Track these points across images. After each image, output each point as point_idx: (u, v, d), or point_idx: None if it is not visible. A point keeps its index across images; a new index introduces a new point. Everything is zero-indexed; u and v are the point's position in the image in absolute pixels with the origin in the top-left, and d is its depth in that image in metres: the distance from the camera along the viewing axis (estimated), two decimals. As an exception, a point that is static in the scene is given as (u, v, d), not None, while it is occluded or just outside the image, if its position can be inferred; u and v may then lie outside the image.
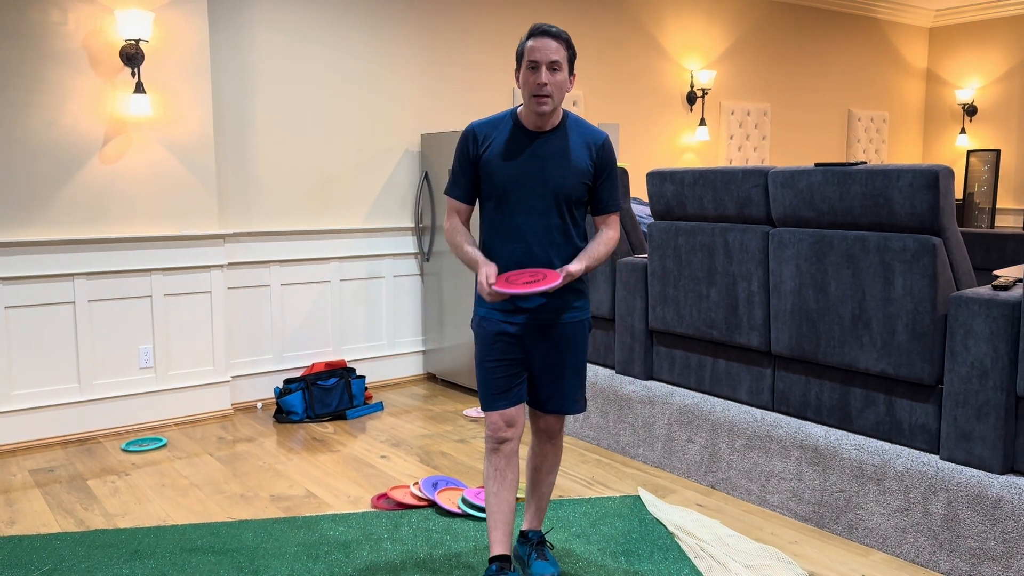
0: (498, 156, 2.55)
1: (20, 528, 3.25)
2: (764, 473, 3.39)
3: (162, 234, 4.49)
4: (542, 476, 2.80)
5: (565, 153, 2.55)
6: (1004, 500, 2.64)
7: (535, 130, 2.56)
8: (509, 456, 2.61)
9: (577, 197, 2.57)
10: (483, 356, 2.63)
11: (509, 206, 2.56)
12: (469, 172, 2.61)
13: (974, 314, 2.74)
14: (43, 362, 4.25)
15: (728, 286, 3.56)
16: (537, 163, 2.54)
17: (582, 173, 2.56)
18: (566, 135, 2.57)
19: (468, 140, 2.59)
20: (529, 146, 2.55)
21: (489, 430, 2.62)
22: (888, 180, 2.94)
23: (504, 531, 2.61)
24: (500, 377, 2.60)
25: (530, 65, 2.45)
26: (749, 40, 7.54)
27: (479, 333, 2.64)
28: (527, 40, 2.48)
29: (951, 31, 8.88)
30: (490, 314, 2.61)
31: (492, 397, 2.61)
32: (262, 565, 2.89)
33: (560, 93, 2.48)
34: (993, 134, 8.60)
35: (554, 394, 2.66)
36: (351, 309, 5.33)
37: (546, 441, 2.76)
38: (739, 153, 7.61)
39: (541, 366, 2.64)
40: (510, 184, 2.54)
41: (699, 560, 2.89)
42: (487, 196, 2.60)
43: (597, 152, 2.59)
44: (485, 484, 2.69)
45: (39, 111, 4.16)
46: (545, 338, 2.61)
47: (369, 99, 5.30)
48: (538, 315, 2.59)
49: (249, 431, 4.50)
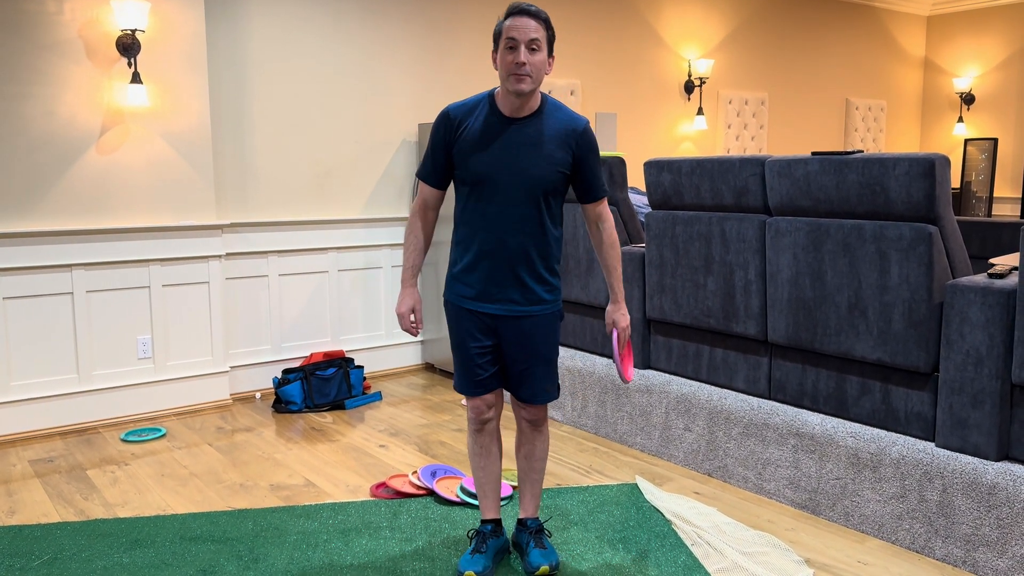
0: (473, 142, 2.50)
1: (20, 518, 3.26)
2: (761, 461, 3.41)
3: (160, 225, 4.49)
4: (532, 463, 2.81)
5: (543, 141, 2.50)
6: (999, 487, 2.66)
7: (512, 115, 2.50)
8: (492, 432, 2.74)
9: (554, 187, 2.53)
10: (459, 342, 2.65)
11: (484, 194, 2.52)
12: (442, 157, 2.57)
13: (970, 302, 2.75)
14: (42, 353, 4.26)
15: (725, 275, 3.57)
16: (513, 151, 2.49)
17: (560, 163, 2.51)
18: (544, 122, 2.51)
19: (442, 124, 2.54)
20: (505, 133, 2.49)
21: (472, 413, 2.70)
22: (884, 169, 2.94)
23: (494, 498, 2.79)
24: (476, 367, 2.63)
25: (508, 44, 2.40)
26: (747, 29, 7.52)
27: (453, 319, 2.65)
28: (505, 19, 2.42)
29: (949, 19, 8.87)
30: (462, 302, 2.62)
31: (472, 385, 2.66)
32: (261, 554, 2.91)
33: (539, 74, 2.44)
34: (990, 123, 8.59)
35: (524, 383, 2.66)
36: (349, 299, 5.33)
37: (532, 430, 2.77)
38: (737, 142, 7.60)
39: (513, 356, 2.64)
40: (485, 172, 2.50)
41: (696, 547, 2.91)
42: (461, 182, 2.57)
43: (577, 140, 2.53)
44: (472, 460, 2.77)
45: (36, 102, 4.15)
46: (517, 330, 2.60)
47: (366, 89, 5.29)
48: (511, 308, 2.59)
49: (248, 421, 4.51)
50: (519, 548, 2.84)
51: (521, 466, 2.82)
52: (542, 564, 2.68)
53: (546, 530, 2.90)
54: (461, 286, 2.62)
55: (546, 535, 2.85)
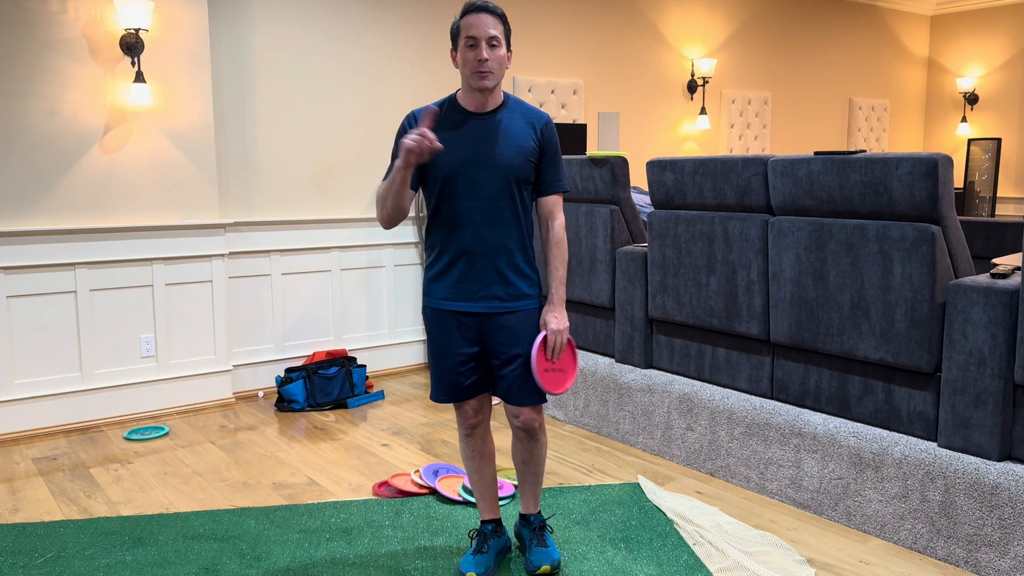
0: (442, 140, 2.49)
1: (23, 516, 3.27)
2: (763, 461, 3.41)
3: (163, 223, 4.49)
4: (529, 467, 2.75)
5: (510, 133, 2.50)
6: (1001, 487, 2.65)
7: (477, 111, 2.51)
8: (483, 435, 2.72)
9: (525, 177, 2.53)
10: (434, 349, 2.60)
11: (456, 191, 2.49)
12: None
13: (972, 302, 2.75)
14: (45, 351, 4.26)
15: (728, 275, 3.57)
16: (482, 145, 2.48)
17: (528, 152, 2.52)
18: (509, 115, 2.52)
19: (408, 126, 2.53)
20: (472, 128, 2.49)
21: (459, 418, 2.69)
22: (887, 168, 2.94)
23: (491, 499, 2.78)
24: (460, 373, 2.58)
25: (468, 43, 2.42)
26: (750, 28, 7.52)
27: (432, 327, 2.60)
28: (462, 17, 2.44)
29: (952, 19, 8.86)
30: (442, 304, 2.56)
31: (455, 393, 2.60)
32: (264, 552, 2.91)
33: (501, 69, 2.45)
34: (994, 123, 8.58)
35: (513, 384, 2.57)
36: (352, 298, 5.34)
37: (528, 439, 2.67)
38: (740, 142, 7.60)
39: (496, 356, 2.57)
40: (455, 168, 2.48)
41: (698, 547, 2.91)
42: (432, 183, 2.53)
43: (541, 131, 2.55)
44: (466, 464, 2.76)
45: (39, 101, 4.16)
46: (497, 327, 2.55)
47: (369, 88, 5.30)
48: (493, 305, 2.54)
49: (251, 419, 4.52)
50: (521, 541, 2.85)
51: (518, 468, 2.78)
52: (543, 563, 2.67)
53: (549, 526, 2.89)
54: (440, 288, 2.57)
55: (549, 532, 2.84)
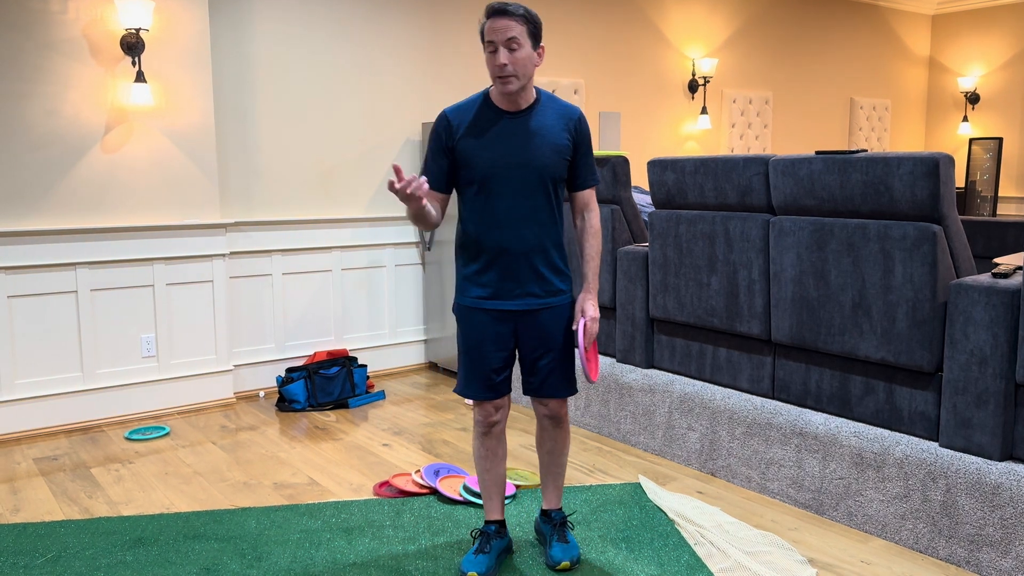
0: (475, 141, 2.50)
1: (25, 516, 3.27)
2: (764, 460, 3.40)
3: (164, 223, 4.49)
4: (555, 458, 2.82)
5: (543, 131, 2.51)
6: (1003, 487, 2.65)
7: (510, 110, 2.51)
8: (499, 435, 2.72)
9: (560, 175, 2.55)
10: (468, 346, 2.61)
11: (492, 190, 2.51)
12: (443, 161, 2.55)
13: (974, 302, 2.75)
14: (46, 351, 4.27)
15: (729, 274, 3.57)
16: (517, 144, 2.49)
17: (562, 150, 2.53)
18: (542, 112, 2.53)
19: (441, 127, 2.53)
20: (506, 127, 2.50)
21: (479, 416, 2.68)
22: (888, 168, 2.94)
23: (498, 499, 2.78)
24: (489, 371, 2.60)
25: (489, 47, 2.42)
26: (751, 28, 7.51)
27: (465, 324, 2.62)
28: (484, 21, 2.43)
29: (954, 18, 8.85)
30: (478, 303, 2.59)
31: (480, 390, 2.63)
32: (265, 552, 2.91)
33: (524, 70, 2.43)
34: (995, 122, 8.57)
35: (547, 379, 2.65)
36: (353, 298, 5.34)
37: (553, 427, 2.76)
38: (741, 141, 7.59)
39: (530, 351, 2.63)
40: (491, 168, 2.49)
41: (699, 547, 2.91)
42: (467, 183, 2.54)
43: (574, 127, 2.56)
44: (477, 463, 2.75)
45: (40, 101, 4.16)
46: (532, 323, 2.59)
47: (370, 88, 5.30)
48: (531, 302, 2.58)
49: (252, 419, 4.51)
50: (541, 537, 2.88)
51: (543, 460, 2.84)
52: (563, 560, 2.72)
53: (570, 523, 2.92)
54: (476, 288, 2.59)
55: (569, 528, 2.87)
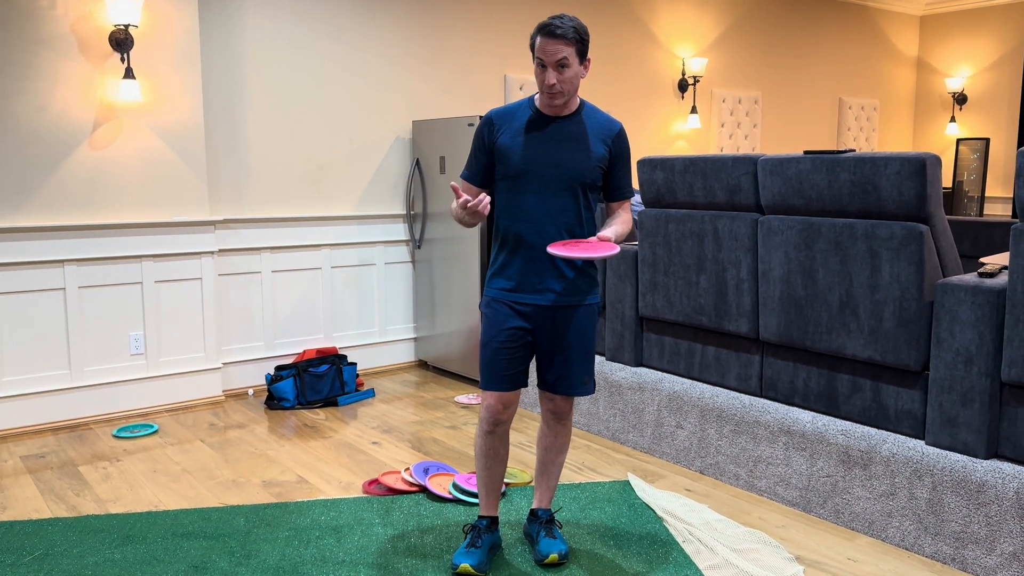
0: (514, 139, 2.62)
1: (12, 514, 3.25)
2: (752, 458, 3.42)
3: (152, 220, 4.48)
4: (552, 456, 2.86)
5: (582, 138, 2.62)
6: (988, 484, 2.67)
7: (551, 115, 2.63)
8: (503, 436, 2.73)
9: (592, 181, 2.64)
10: (490, 338, 2.67)
11: (523, 187, 2.61)
12: (483, 158, 2.68)
13: (960, 301, 2.77)
14: (33, 348, 4.24)
15: (717, 273, 3.58)
16: (554, 145, 2.60)
17: (599, 158, 2.63)
18: (583, 121, 2.64)
19: (485, 127, 2.67)
20: (546, 129, 2.62)
21: (486, 412, 2.69)
22: (876, 168, 2.95)
23: (495, 496, 2.80)
24: (504, 361, 2.64)
25: (539, 64, 2.53)
26: (741, 28, 7.54)
27: (488, 314, 2.68)
28: (535, 36, 2.53)
29: (942, 19, 8.90)
30: (502, 295, 2.66)
31: (494, 380, 2.66)
32: (253, 550, 2.91)
33: (571, 86, 2.56)
34: (983, 123, 8.63)
35: (563, 376, 2.71)
36: (342, 296, 5.33)
37: (556, 423, 2.81)
38: (730, 141, 7.62)
39: (550, 348, 2.69)
40: (525, 165, 2.60)
41: (687, 544, 2.92)
42: (502, 178, 2.66)
43: (613, 140, 2.66)
44: (478, 460, 2.77)
45: (28, 97, 4.14)
46: (555, 321, 2.66)
47: (360, 85, 5.29)
48: (550, 298, 2.64)
49: (240, 417, 4.50)
50: (529, 536, 2.89)
51: (541, 457, 2.87)
52: (551, 552, 2.74)
53: (557, 521, 2.95)
54: (500, 280, 2.68)
55: (557, 526, 2.90)
